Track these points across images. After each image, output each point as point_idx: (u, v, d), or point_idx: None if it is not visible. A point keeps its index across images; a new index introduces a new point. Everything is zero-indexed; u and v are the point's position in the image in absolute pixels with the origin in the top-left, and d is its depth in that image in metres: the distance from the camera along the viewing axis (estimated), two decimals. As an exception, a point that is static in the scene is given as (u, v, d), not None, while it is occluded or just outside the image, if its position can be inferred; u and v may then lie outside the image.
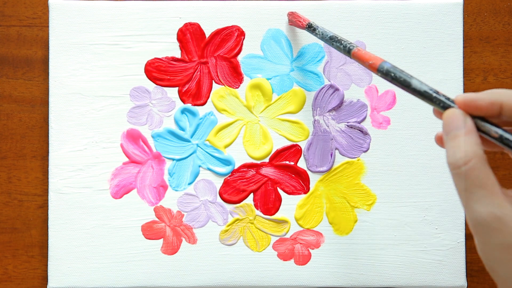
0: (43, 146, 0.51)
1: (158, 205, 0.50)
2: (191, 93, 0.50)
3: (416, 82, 0.34)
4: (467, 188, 0.29)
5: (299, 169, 0.50)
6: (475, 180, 0.29)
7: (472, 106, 0.30)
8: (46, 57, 0.51)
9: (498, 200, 0.29)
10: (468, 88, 0.51)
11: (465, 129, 0.30)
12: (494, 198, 0.29)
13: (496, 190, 0.29)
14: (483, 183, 0.29)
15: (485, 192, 0.29)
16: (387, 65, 0.36)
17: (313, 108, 0.50)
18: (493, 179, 0.29)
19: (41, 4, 0.52)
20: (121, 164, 0.50)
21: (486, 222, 0.29)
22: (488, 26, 0.52)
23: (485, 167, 0.29)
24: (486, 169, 0.29)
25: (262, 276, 0.49)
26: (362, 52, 0.39)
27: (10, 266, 0.51)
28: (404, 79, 0.34)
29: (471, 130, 0.30)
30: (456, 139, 0.30)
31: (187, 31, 0.50)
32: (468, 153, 0.29)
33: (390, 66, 0.35)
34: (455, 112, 0.31)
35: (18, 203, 0.51)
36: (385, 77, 0.35)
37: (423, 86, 0.33)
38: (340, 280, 0.49)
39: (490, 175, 0.29)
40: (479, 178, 0.29)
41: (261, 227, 0.50)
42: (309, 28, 0.46)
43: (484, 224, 0.29)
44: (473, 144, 0.30)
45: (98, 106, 0.50)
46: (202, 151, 0.50)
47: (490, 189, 0.29)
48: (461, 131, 0.30)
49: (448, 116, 0.31)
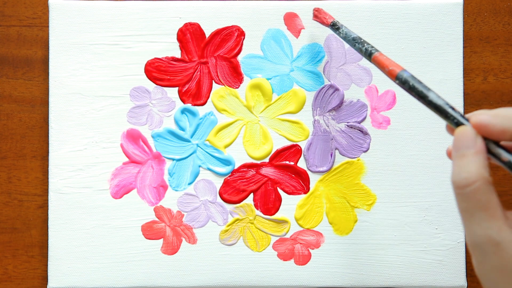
0: (43, 146, 0.51)
1: (158, 205, 0.50)
2: (191, 93, 0.50)
3: (433, 95, 0.33)
4: (468, 209, 0.29)
5: (299, 169, 0.50)
6: (477, 202, 0.29)
7: (484, 130, 0.30)
8: (46, 57, 0.51)
9: (498, 224, 0.28)
10: (468, 88, 0.51)
11: (474, 149, 0.30)
12: (494, 222, 0.28)
13: (497, 214, 0.28)
14: (484, 206, 0.29)
15: (485, 215, 0.29)
16: (406, 74, 0.36)
17: (313, 108, 0.50)
18: (495, 202, 0.29)
19: (41, 4, 0.52)
20: (121, 164, 0.50)
21: (484, 245, 0.29)
22: (488, 26, 0.52)
23: (489, 190, 0.29)
24: (489, 192, 0.29)
25: (262, 276, 0.49)
26: (383, 58, 0.39)
27: (10, 266, 0.51)
28: (421, 90, 0.34)
29: (480, 151, 0.30)
30: (464, 158, 0.30)
31: (187, 31, 0.50)
32: (473, 174, 0.29)
33: (409, 76, 0.35)
34: (467, 130, 0.31)
35: (18, 203, 0.51)
36: (402, 85, 0.36)
37: (440, 100, 0.33)
38: (340, 280, 0.49)
39: (493, 199, 0.29)
40: (481, 201, 0.29)
41: (261, 227, 0.50)
42: (333, 26, 0.46)
43: (482, 246, 0.29)
44: (480, 166, 0.29)
45: (98, 106, 0.50)
46: (202, 151, 0.50)
47: (491, 212, 0.28)
48: (470, 151, 0.30)
49: (459, 134, 0.31)
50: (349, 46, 0.50)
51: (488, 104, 0.51)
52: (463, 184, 0.29)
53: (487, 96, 0.52)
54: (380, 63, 0.39)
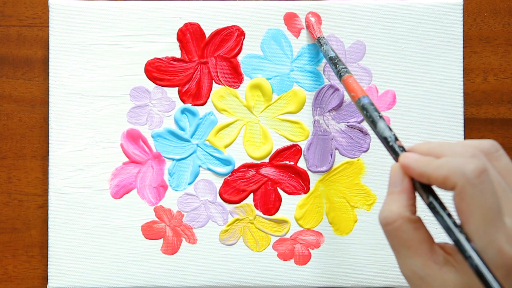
0: (43, 146, 0.51)
1: (158, 205, 0.50)
2: (191, 93, 0.50)
3: (382, 125, 0.34)
4: (393, 245, 0.30)
5: (299, 169, 0.50)
6: (399, 240, 0.30)
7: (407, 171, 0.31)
8: (46, 57, 0.51)
9: (421, 261, 0.29)
10: (468, 88, 0.51)
11: (399, 188, 0.31)
12: (417, 259, 0.29)
13: (420, 250, 0.29)
14: (406, 244, 0.29)
15: (409, 252, 0.29)
16: (365, 100, 0.36)
17: (313, 108, 0.50)
18: (418, 239, 0.29)
19: (41, 4, 0.52)
20: (121, 164, 0.50)
21: (410, 280, 0.30)
22: (488, 26, 0.52)
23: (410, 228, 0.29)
24: (410, 231, 0.29)
25: (262, 276, 0.49)
26: (350, 81, 0.39)
27: (10, 266, 0.51)
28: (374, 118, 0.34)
29: (405, 190, 0.31)
30: (391, 195, 0.31)
31: (187, 31, 0.50)
32: (394, 213, 0.30)
33: (368, 102, 0.36)
34: (397, 168, 0.31)
35: (18, 203, 0.51)
36: (361, 110, 0.36)
37: (387, 131, 0.33)
38: (340, 280, 0.49)
39: (416, 236, 0.29)
40: (402, 238, 0.30)
41: (261, 227, 0.50)
42: (317, 42, 0.47)
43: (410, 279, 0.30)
44: (401, 206, 0.30)
45: (98, 106, 0.50)
46: (202, 151, 0.50)
47: (414, 249, 0.29)
48: (396, 189, 0.31)
49: (391, 171, 0.32)
50: (349, 46, 0.50)
51: (488, 104, 0.51)
52: (384, 223, 0.30)
53: (487, 96, 0.52)
54: (347, 85, 0.40)
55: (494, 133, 0.52)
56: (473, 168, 0.28)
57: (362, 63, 0.50)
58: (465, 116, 0.51)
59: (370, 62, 0.50)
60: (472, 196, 0.28)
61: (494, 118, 0.52)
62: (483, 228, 0.27)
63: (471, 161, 0.28)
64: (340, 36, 0.50)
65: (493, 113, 0.52)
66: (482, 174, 0.28)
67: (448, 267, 0.29)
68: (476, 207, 0.28)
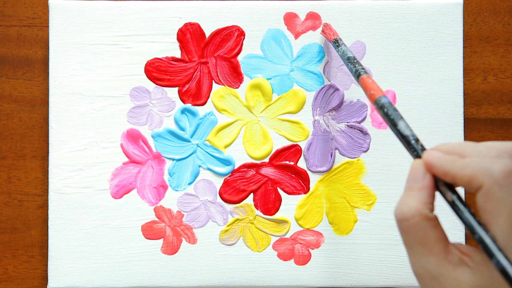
0: (43, 146, 0.51)
1: (158, 205, 0.50)
2: (191, 93, 0.50)
3: (402, 125, 0.33)
4: (408, 242, 0.30)
5: (299, 169, 0.50)
6: (414, 237, 0.29)
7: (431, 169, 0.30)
8: (46, 57, 0.51)
9: (436, 259, 0.29)
10: (468, 88, 0.51)
11: (420, 184, 0.30)
12: (432, 257, 0.29)
13: (435, 249, 0.29)
14: (422, 242, 0.29)
15: (423, 250, 0.29)
16: (384, 99, 0.36)
17: (313, 108, 0.50)
18: (434, 238, 0.29)
19: (41, 4, 0.52)
20: (121, 164, 0.50)
21: (422, 278, 0.29)
22: (488, 26, 0.52)
23: (427, 226, 0.29)
24: (426, 229, 0.29)
25: (262, 276, 0.49)
26: (369, 81, 0.39)
27: (10, 266, 0.51)
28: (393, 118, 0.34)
29: (426, 187, 0.30)
30: (409, 191, 0.30)
31: (187, 31, 0.50)
32: (412, 209, 0.29)
33: (387, 102, 0.36)
34: (419, 164, 0.31)
35: (18, 203, 0.51)
36: (379, 110, 0.36)
37: (407, 130, 0.33)
38: (340, 280, 0.49)
39: (432, 234, 0.29)
40: (418, 236, 0.29)
41: (261, 227, 0.50)
42: (335, 43, 0.47)
43: (422, 278, 0.29)
44: (421, 202, 0.30)
45: (98, 106, 0.50)
46: (202, 151, 0.50)
47: (429, 248, 0.29)
48: (417, 185, 0.30)
49: (412, 166, 0.31)
50: (349, 46, 0.50)
51: (488, 104, 0.51)
52: (400, 218, 0.30)
53: (487, 96, 0.52)
54: (365, 85, 0.39)
55: (494, 133, 0.52)
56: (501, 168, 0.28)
57: (362, 63, 0.50)
58: (465, 116, 0.51)
59: (370, 62, 0.50)
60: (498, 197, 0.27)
61: (494, 118, 0.52)
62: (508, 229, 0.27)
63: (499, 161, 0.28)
64: (340, 36, 0.50)
65: (493, 113, 0.52)
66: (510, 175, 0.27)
67: (463, 267, 0.29)
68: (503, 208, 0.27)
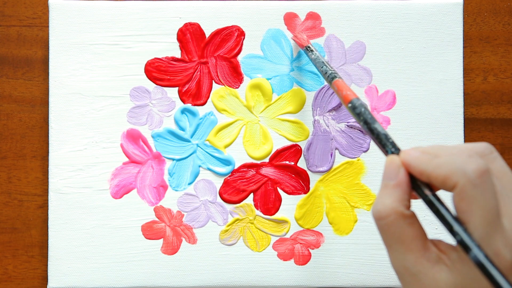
0: (43, 146, 0.51)
1: (158, 205, 0.50)
2: (191, 93, 0.50)
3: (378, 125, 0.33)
4: (386, 240, 0.30)
5: (299, 169, 0.50)
6: (391, 235, 0.29)
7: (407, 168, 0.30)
8: (46, 57, 0.51)
9: (414, 257, 0.29)
10: (468, 88, 0.51)
11: (395, 181, 0.30)
12: (410, 255, 0.29)
13: (413, 246, 0.29)
14: (399, 239, 0.29)
15: (401, 248, 0.29)
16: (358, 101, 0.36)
17: (313, 108, 0.50)
18: (411, 235, 0.29)
19: (41, 4, 0.52)
20: (121, 164, 0.50)
21: (401, 276, 0.29)
22: (488, 26, 0.52)
23: (403, 224, 0.29)
24: (403, 226, 0.29)
25: (262, 276, 0.49)
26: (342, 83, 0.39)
27: (10, 266, 0.51)
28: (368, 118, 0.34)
29: (399, 184, 0.30)
30: (385, 189, 0.30)
31: (187, 31, 0.50)
32: (388, 208, 0.29)
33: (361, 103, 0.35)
34: (393, 160, 0.30)
35: (18, 203, 0.51)
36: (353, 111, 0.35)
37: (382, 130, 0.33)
38: (340, 280, 0.49)
39: (409, 232, 0.29)
40: (395, 234, 0.29)
41: (261, 227, 0.50)
42: (306, 50, 0.47)
43: (401, 275, 0.29)
44: (396, 200, 0.29)
45: (98, 106, 0.50)
46: (202, 151, 0.50)
47: (406, 245, 0.29)
48: (391, 182, 0.30)
49: (387, 163, 0.31)
50: (349, 46, 0.50)
51: (488, 104, 0.51)
52: (377, 217, 0.29)
53: (487, 96, 0.52)
54: (339, 87, 0.39)
55: (494, 133, 0.52)
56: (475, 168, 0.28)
57: (362, 63, 0.50)
58: (465, 116, 0.51)
59: (370, 62, 0.50)
60: (472, 196, 0.27)
61: (494, 118, 0.52)
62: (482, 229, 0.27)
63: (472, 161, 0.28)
64: (340, 36, 0.50)
65: (493, 113, 0.52)
66: (483, 174, 0.27)
67: (441, 265, 0.29)
68: (476, 207, 0.27)
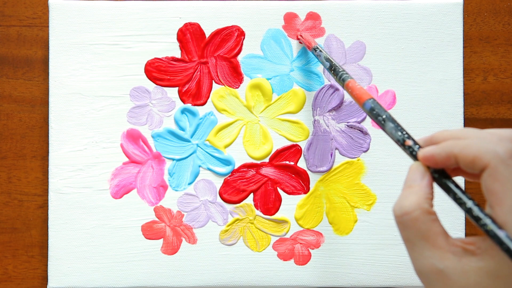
0: (43, 146, 0.51)
1: (158, 205, 0.50)
2: (191, 93, 0.50)
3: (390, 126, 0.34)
4: (409, 238, 0.29)
5: (299, 169, 0.50)
6: (416, 231, 0.29)
7: (432, 161, 0.30)
8: (46, 57, 0.51)
9: (440, 253, 0.29)
10: (468, 88, 0.51)
11: (420, 183, 0.30)
12: (436, 251, 0.29)
13: (438, 242, 0.29)
14: (424, 235, 0.29)
15: (426, 244, 0.29)
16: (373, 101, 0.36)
17: (313, 108, 0.50)
18: (436, 231, 0.29)
19: (41, 4, 0.52)
20: (121, 164, 0.50)
21: (427, 274, 0.29)
22: (488, 26, 0.52)
23: (428, 220, 0.29)
24: (428, 222, 0.29)
25: (262, 276, 0.49)
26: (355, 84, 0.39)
27: (10, 266, 0.51)
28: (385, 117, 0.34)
29: (425, 185, 0.30)
30: (409, 188, 0.30)
31: (187, 31, 0.50)
32: (412, 203, 0.29)
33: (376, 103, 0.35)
34: (418, 166, 0.31)
35: (18, 203, 0.51)
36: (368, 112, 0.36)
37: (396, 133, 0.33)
38: (340, 280, 0.49)
39: (433, 228, 0.29)
40: (420, 230, 0.29)
41: (261, 227, 0.50)
42: (315, 51, 0.47)
43: (426, 275, 0.29)
44: (421, 197, 0.30)
45: (98, 106, 0.50)
46: (202, 151, 0.50)
47: (431, 241, 0.29)
48: (416, 183, 0.30)
49: (411, 168, 0.31)
50: (349, 46, 0.50)
51: (488, 104, 0.51)
52: (401, 213, 0.29)
53: (487, 96, 0.52)
54: (352, 88, 0.39)
55: (494, 133, 0.52)
56: (506, 149, 0.27)
57: (362, 63, 0.50)
58: (465, 116, 0.51)
59: (370, 62, 0.50)
60: (506, 176, 0.27)
61: (494, 118, 0.52)
62: None
63: (502, 143, 0.28)
64: (340, 36, 0.50)
65: (493, 113, 0.52)
66: None
67: (469, 257, 0.28)
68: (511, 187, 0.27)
